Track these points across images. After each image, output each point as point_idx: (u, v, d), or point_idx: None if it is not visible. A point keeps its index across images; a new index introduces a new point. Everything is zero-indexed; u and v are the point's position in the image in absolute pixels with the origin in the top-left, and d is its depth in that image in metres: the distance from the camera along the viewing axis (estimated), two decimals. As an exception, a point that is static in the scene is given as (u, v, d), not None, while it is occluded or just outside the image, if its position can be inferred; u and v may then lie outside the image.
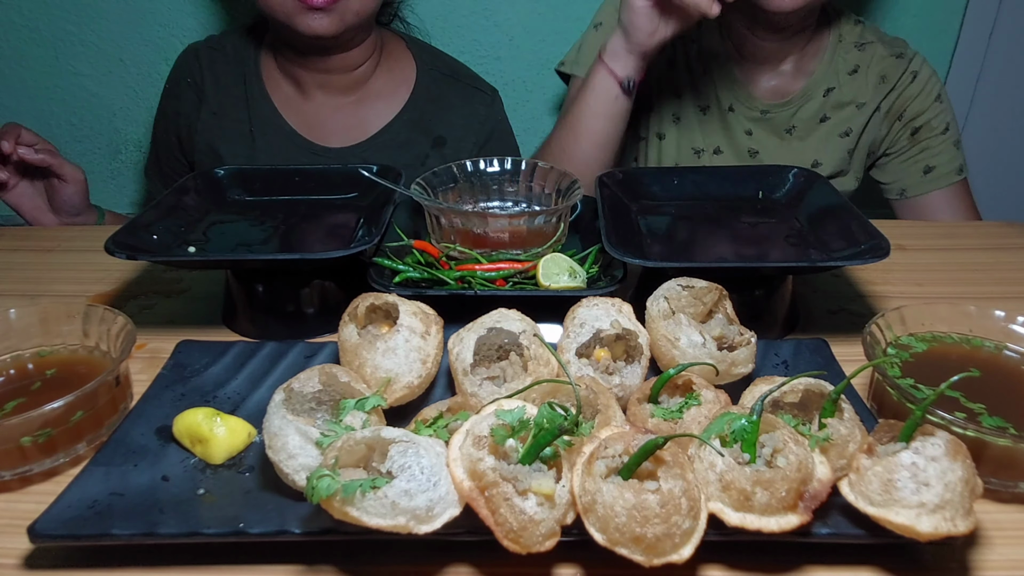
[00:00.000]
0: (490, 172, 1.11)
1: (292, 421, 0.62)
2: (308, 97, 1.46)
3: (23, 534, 0.58)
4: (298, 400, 0.66)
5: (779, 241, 0.99)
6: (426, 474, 0.56)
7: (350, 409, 0.65)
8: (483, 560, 0.61)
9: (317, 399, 0.67)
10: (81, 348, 0.82)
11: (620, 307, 0.78)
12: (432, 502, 0.56)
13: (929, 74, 1.47)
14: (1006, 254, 1.18)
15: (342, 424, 0.63)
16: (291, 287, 0.93)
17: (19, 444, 0.67)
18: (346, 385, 0.68)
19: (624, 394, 0.72)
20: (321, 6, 1.26)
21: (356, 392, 0.67)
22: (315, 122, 1.46)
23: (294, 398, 0.66)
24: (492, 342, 0.73)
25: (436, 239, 1.00)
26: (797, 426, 0.64)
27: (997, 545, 0.63)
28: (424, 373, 0.72)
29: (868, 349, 0.75)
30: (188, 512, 0.61)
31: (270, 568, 0.61)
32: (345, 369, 0.69)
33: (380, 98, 1.48)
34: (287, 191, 1.13)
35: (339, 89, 1.46)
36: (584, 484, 0.56)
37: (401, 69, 1.51)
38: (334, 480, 0.55)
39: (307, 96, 1.46)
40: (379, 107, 1.47)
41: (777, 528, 0.57)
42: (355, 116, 1.47)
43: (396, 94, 1.48)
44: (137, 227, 0.92)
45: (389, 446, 0.58)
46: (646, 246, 0.98)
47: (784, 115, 1.49)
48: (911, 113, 1.47)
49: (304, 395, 0.67)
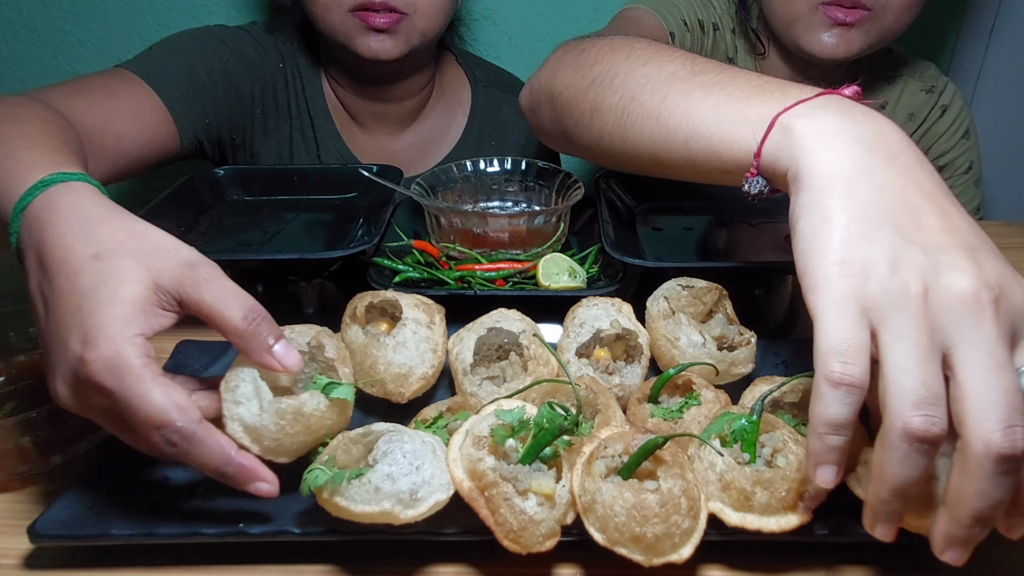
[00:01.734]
0: (490, 172, 1.11)
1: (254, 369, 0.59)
2: (364, 128, 1.36)
3: (23, 534, 0.58)
4: None
5: (779, 241, 0.99)
6: (408, 458, 0.56)
7: (317, 387, 0.61)
8: (483, 560, 0.61)
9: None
10: (81, 348, 0.82)
11: (620, 307, 0.78)
12: (416, 485, 0.56)
13: (959, 108, 1.41)
14: (1006, 254, 1.15)
15: (297, 397, 0.60)
16: (291, 287, 0.93)
17: (19, 444, 0.67)
18: (329, 362, 0.65)
19: (624, 394, 0.72)
20: (383, 28, 1.16)
21: (335, 375, 0.64)
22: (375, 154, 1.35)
23: None
24: (492, 342, 0.73)
25: (436, 239, 1.00)
26: (797, 426, 0.64)
27: (997, 545, 0.63)
28: (436, 362, 0.72)
29: (868, 349, 0.75)
30: (188, 512, 0.62)
31: (270, 568, 0.61)
32: (339, 345, 0.67)
33: (439, 125, 1.38)
34: (287, 191, 1.13)
35: (396, 120, 1.36)
36: (584, 484, 0.57)
37: (455, 90, 1.41)
38: (324, 472, 0.55)
39: (363, 127, 1.36)
40: (438, 136, 1.38)
41: (777, 528, 0.57)
42: (415, 148, 1.37)
43: (454, 120, 1.39)
44: (137, 227, 0.92)
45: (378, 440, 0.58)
46: (646, 246, 0.98)
47: None
48: (936, 151, 1.41)
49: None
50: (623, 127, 0.78)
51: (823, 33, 1.17)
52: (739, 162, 0.67)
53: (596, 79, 0.83)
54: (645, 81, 0.77)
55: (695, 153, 0.71)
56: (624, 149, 0.80)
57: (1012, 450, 0.49)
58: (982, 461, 0.49)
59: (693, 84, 0.73)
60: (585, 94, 0.83)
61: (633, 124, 0.77)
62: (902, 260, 0.54)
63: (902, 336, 0.52)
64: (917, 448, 0.50)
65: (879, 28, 1.18)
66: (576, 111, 0.85)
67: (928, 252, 0.54)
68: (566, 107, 0.87)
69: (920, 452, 0.51)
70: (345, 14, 1.18)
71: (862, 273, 0.54)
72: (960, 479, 0.51)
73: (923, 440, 0.50)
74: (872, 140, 0.59)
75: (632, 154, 0.79)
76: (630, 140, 0.78)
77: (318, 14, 1.20)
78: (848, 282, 0.54)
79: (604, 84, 0.81)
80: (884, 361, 0.52)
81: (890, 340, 0.52)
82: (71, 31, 1.79)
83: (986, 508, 0.51)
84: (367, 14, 1.17)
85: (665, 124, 0.73)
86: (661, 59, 0.78)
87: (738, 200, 1.12)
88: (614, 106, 0.79)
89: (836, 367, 0.52)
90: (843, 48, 1.17)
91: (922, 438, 0.50)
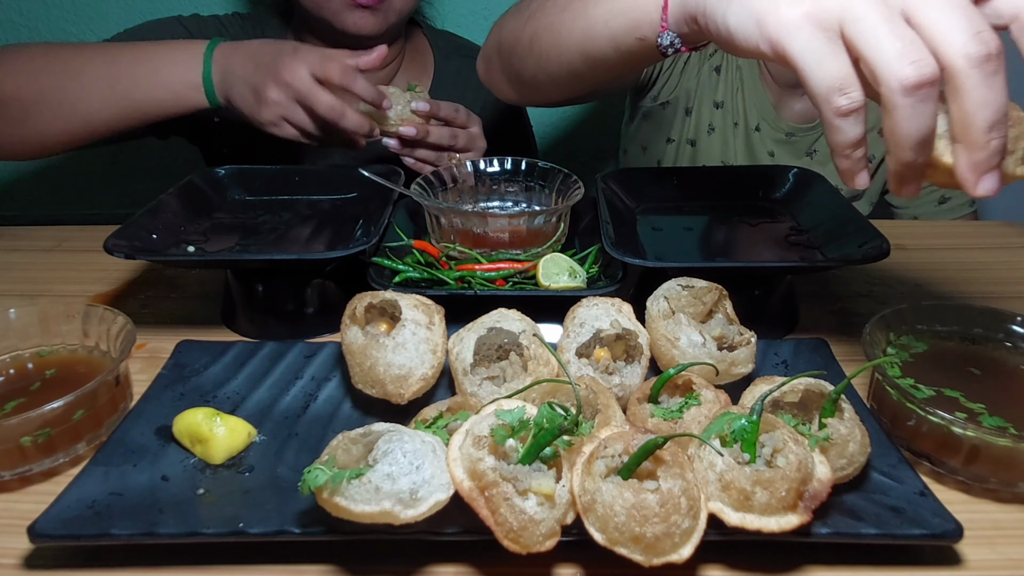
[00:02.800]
0: (490, 172, 1.11)
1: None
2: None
3: (23, 534, 0.58)
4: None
5: (779, 241, 1.00)
6: (408, 457, 0.56)
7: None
8: (483, 560, 0.61)
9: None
10: (81, 348, 0.82)
11: (620, 307, 0.78)
12: (416, 485, 0.56)
13: None
14: (1006, 254, 1.18)
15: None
16: (291, 287, 0.93)
17: (19, 444, 0.67)
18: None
19: (624, 394, 0.72)
20: (369, 4, 1.25)
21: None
22: None
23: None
24: (492, 342, 0.73)
25: (436, 239, 1.00)
26: (797, 426, 0.64)
27: (997, 545, 0.63)
28: (436, 363, 0.72)
29: (868, 349, 0.75)
30: (188, 512, 0.61)
31: (270, 568, 0.61)
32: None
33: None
34: (287, 191, 1.13)
35: None
36: (584, 484, 0.56)
37: (421, 59, 1.50)
38: (324, 472, 0.55)
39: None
40: None
41: (777, 528, 0.57)
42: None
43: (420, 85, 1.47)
44: (137, 226, 0.92)
45: (378, 440, 0.58)
46: (646, 246, 0.98)
47: (808, 139, 1.48)
48: None
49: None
50: (557, 37, 0.91)
51: None
52: (652, 23, 0.78)
53: (531, 14, 0.97)
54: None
55: (614, 31, 0.82)
56: (560, 57, 0.92)
57: (988, 50, 0.54)
58: (969, 73, 0.55)
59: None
60: (523, 29, 0.97)
61: (565, 30, 0.89)
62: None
63: (863, 18, 0.57)
64: (919, 96, 0.56)
65: None
66: (519, 47, 0.99)
67: None
68: (511, 48, 1.01)
69: (922, 99, 0.56)
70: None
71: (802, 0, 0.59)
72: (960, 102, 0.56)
73: (919, 84, 0.55)
74: None
75: (568, 60, 0.91)
76: (564, 46, 0.90)
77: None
78: (800, 12, 0.59)
79: (538, 12, 0.95)
80: (860, 48, 0.57)
81: (857, 31, 0.57)
82: (72, 31, 1.79)
83: (992, 114, 0.55)
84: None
85: (590, 17, 0.85)
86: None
87: (738, 200, 1.12)
88: (548, 25, 0.92)
89: (841, 101, 0.59)
90: None
91: (917, 83, 0.55)
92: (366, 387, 0.72)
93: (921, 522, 0.60)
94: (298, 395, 0.77)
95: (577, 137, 2.03)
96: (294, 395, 0.77)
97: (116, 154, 1.93)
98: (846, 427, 0.62)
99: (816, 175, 1.10)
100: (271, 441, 0.71)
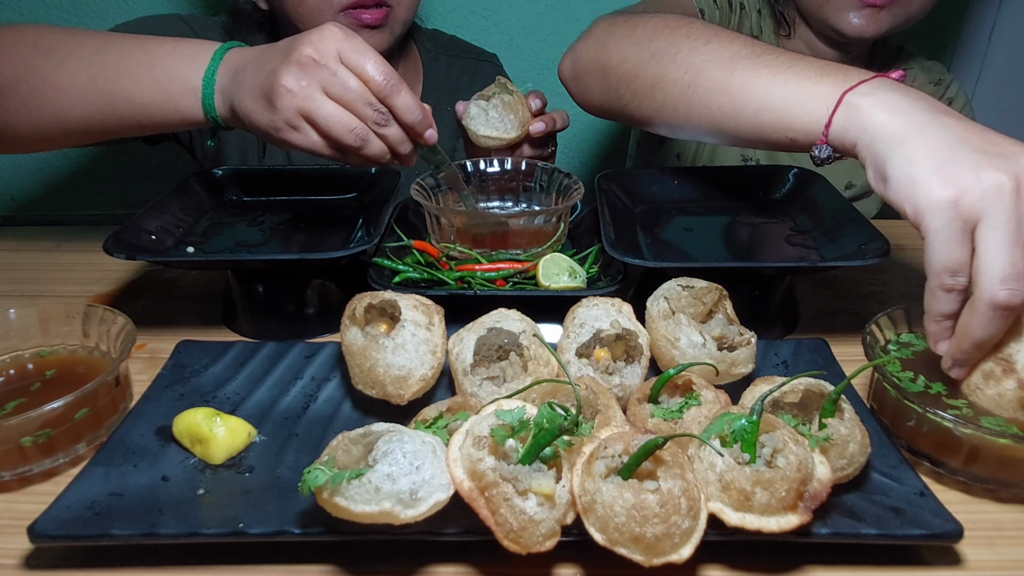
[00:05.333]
0: (490, 172, 1.11)
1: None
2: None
3: (23, 534, 0.58)
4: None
5: (779, 241, 0.99)
6: (408, 458, 0.56)
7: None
8: (483, 560, 0.61)
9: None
10: (81, 348, 0.82)
11: (620, 307, 0.78)
12: (416, 485, 0.56)
13: (963, 103, 1.46)
14: None
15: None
16: (291, 287, 0.93)
17: (19, 444, 0.67)
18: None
19: (624, 394, 0.72)
20: (374, 24, 1.22)
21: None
22: None
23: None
24: (492, 342, 0.73)
25: (436, 239, 1.00)
26: (797, 426, 0.64)
27: (997, 545, 0.63)
28: (435, 364, 0.72)
29: (868, 349, 0.75)
30: (188, 512, 0.61)
31: (270, 568, 0.61)
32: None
33: None
34: (286, 191, 1.13)
35: None
36: (584, 484, 0.56)
37: (412, 62, 1.48)
38: (324, 472, 0.55)
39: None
40: None
41: (777, 528, 0.57)
42: None
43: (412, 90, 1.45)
44: (136, 227, 0.92)
45: (378, 440, 0.58)
46: (646, 246, 0.98)
47: None
48: None
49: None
50: (689, 99, 0.86)
51: (851, 13, 1.23)
52: (808, 132, 0.78)
53: (656, 53, 0.90)
54: (709, 58, 0.86)
55: (763, 124, 0.81)
56: (688, 119, 0.88)
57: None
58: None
59: (759, 63, 0.82)
60: (646, 67, 0.91)
61: (700, 97, 0.85)
62: (988, 166, 0.65)
63: (996, 227, 0.63)
64: (1000, 315, 0.64)
65: (906, 12, 1.25)
66: (635, 83, 0.92)
67: (1008, 158, 0.66)
68: (623, 78, 0.94)
69: (1001, 317, 0.65)
70: (336, 14, 1.21)
71: (957, 186, 0.65)
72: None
73: (1006, 309, 0.64)
74: (927, 102, 0.72)
75: (696, 123, 0.88)
76: (696, 111, 0.86)
77: (305, 15, 1.23)
78: (948, 197, 0.65)
79: (666, 58, 0.89)
80: (980, 252, 0.64)
81: (985, 231, 0.64)
82: (71, 31, 1.79)
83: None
84: (359, 11, 1.21)
85: (734, 98, 0.83)
86: (722, 39, 0.87)
87: (738, 200, 1.12)
88: (678, 79, 0.87)
89: (948, 280, 0.66)
90: (872, 28, 1.24)
91: (1006, 307, 0.64)
92: (366, 388, 0.72)
93: (921, 522, 0.60)
94: (298, 395, 0.77)
95: (578, 137, 2.03)
96: (294, 395, 0.77)
97: (116, 154, 1.93)
98: (846, 427, 0.62)
99: (816, 175, 1.10)
100: (271, 441, 0.71)
